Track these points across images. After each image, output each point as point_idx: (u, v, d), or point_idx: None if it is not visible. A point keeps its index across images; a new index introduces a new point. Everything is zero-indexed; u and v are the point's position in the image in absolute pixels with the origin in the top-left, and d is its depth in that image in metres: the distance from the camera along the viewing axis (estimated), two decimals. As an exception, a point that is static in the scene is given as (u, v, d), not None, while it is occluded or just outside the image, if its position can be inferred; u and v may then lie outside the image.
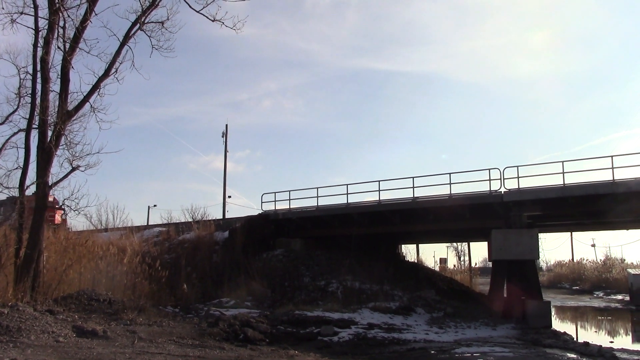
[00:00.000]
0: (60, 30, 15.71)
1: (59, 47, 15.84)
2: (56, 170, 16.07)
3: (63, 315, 13.68)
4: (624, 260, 56.19)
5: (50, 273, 16.78)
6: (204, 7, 15.97)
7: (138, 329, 13.48)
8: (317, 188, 28.28)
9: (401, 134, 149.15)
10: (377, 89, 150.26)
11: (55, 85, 15.94)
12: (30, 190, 16.78)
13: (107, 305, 15.70)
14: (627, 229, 33.06)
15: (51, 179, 15.84)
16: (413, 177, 25.15)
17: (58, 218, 36.28)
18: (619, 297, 39.91)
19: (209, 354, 11.49)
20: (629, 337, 21.49)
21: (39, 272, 15.47)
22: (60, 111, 15.52)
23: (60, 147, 15.80)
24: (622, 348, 15.73)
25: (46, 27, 15.52)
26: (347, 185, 27.51)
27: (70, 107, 15.88)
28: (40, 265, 15.60)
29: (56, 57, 15.94)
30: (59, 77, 15.88)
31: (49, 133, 15.63)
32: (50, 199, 36.91)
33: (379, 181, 26.42)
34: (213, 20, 15.98)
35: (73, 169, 15.98)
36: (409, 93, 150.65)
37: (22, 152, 16.24)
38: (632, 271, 36.91)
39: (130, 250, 22.05)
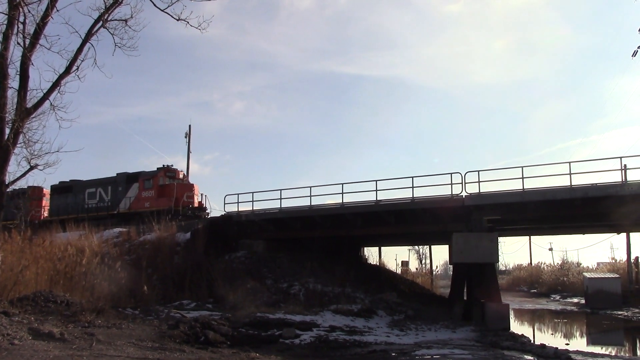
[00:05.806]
0: (20, 26, 15.31)
1: (18, 43, 15.44)
2: (13, 168, 15.69)
3: (18, 317, 13.38)
4: (580, 264, 57.66)
5: (5, 274, 16.35)
6: (168, 6, 15.76)
7: (96, 331, 13.27)
8: (280, 190, 28.18)
9: (366, 138, 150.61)
10: (342, 92, 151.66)
11: (14, 82, 15.54)
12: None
13: (65, 307, 15.39)
14: (583, 234, 34.02)
15: (8, 178, 15.47)
16: (376, 181, 25.25)
17: (196, 200, 34.07)
18: (575, 300, 40.89)
19: (169, 357, 11.38)
20: (584, 340, 22.03)
21: (-7, 273, 15.09)
22: (18, 108, 15.14)
23: (18, 145, 15.41)
24: (577, 350, 16.16)
25: (5, 22, 15.13)
26: (310, 187, 27.36)
27: (30, 104, 15.51)
28: (-5, 266, 15.22)
29: (15, 53, 15.55)
30: (18, 73, 15.49)
31: (7, 131, 15.26)
32: (180, 175, 34.65)
33: (342, 184, 26.48)
34: (178, 20, 15.78)
35: (31, 168, 15.59)
36: (374, 97, 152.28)
37: (-22, 150, 15.82)
38: (587, 275, 37.89)
39: (89, 251, 21.60)
